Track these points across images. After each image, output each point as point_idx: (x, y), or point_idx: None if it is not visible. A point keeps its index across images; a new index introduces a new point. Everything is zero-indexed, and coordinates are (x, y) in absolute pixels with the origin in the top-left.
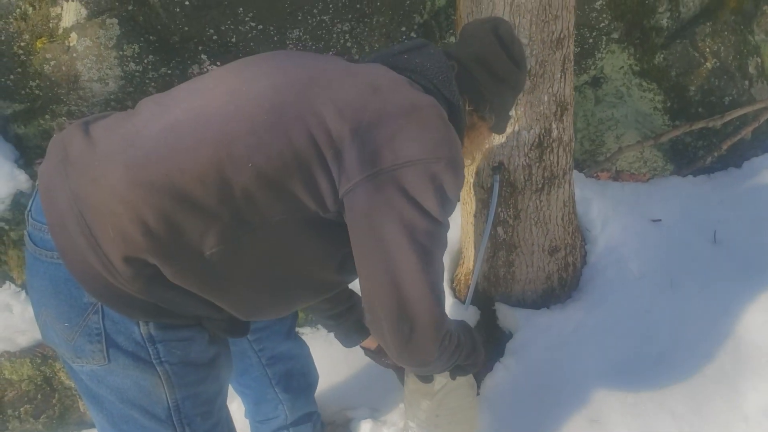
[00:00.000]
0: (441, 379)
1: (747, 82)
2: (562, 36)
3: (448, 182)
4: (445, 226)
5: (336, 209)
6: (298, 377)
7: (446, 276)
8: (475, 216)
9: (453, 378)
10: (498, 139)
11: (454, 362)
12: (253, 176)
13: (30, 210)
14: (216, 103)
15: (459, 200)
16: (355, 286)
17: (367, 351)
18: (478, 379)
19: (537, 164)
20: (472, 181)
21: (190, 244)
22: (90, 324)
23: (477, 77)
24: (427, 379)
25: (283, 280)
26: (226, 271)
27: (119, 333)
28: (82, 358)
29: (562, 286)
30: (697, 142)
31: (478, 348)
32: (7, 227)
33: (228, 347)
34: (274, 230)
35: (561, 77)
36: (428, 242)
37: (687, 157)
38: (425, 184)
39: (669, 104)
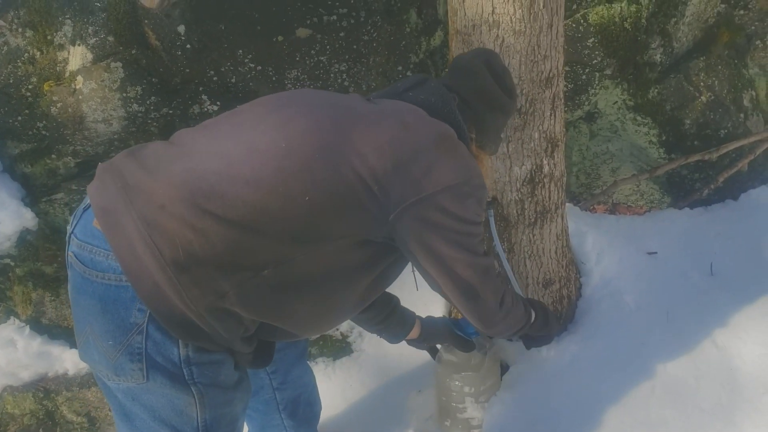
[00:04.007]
0: (477, 357)
1: (742, 115)
2: (551, 75)
3: (479, 195)
4: (481, 220)
5: (385, 234)
6: (304, 405)
7: (444, 309)
8: None
9: (528, 348)
10: (491, 176)
11: (522, 326)
12: (308, 208)
13: (74, 232)
14: (265, 139)
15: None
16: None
17: (409, 341)
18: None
19: (529, 199)
20: None
21: (251, 266)
22: (133, 344)
23: (476, 109)
24: (468, 348)
25: (332, 296)
26: (283, 288)
27: (159, 354)
28: (120, 377)
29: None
30: (693, 175)
31: (550, 322)
32: (12, 263)
33: (247, 373)
34: (328, 252)
35: (551, 115)
36: (470, 240)
37: (684, 189)
38: (462, 202)
39: (664, 138)
